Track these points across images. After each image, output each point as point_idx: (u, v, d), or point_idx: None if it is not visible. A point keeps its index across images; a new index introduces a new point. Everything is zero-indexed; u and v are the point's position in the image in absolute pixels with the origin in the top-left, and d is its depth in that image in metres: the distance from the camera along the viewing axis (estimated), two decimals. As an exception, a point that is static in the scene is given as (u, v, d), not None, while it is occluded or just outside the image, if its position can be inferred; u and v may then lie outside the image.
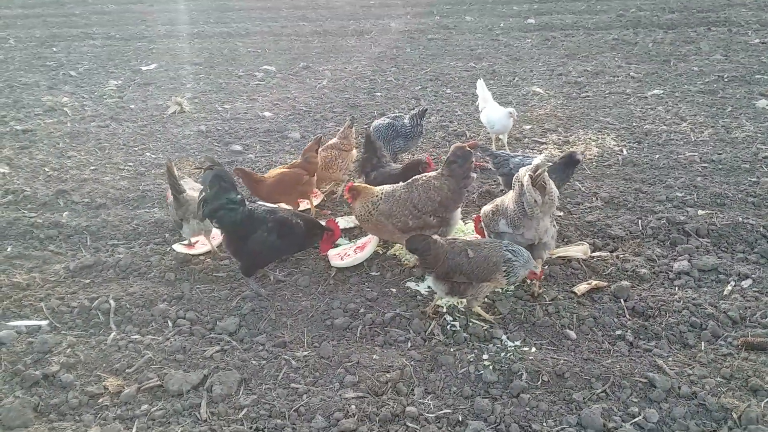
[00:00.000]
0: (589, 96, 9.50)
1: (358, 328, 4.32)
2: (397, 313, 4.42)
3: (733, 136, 7.58)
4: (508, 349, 4.07)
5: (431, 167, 5.98)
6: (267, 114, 9.18)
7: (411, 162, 5.76)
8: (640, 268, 4.89)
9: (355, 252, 5.13)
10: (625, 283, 4.66)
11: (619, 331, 4.24)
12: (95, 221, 5.94)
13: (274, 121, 8.86)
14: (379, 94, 10.05)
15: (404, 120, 6.61)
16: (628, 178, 6.62)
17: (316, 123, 8.74)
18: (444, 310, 4.49)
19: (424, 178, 4.80)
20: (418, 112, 6.55)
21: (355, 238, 5.47)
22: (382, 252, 5.26)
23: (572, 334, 4.20)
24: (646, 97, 9.30)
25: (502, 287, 4.54)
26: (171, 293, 4.74)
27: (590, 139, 7.70)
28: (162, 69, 12.27)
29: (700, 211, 5.70)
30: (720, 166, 6.79)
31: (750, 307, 4.39)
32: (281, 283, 4.89)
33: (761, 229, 5.29)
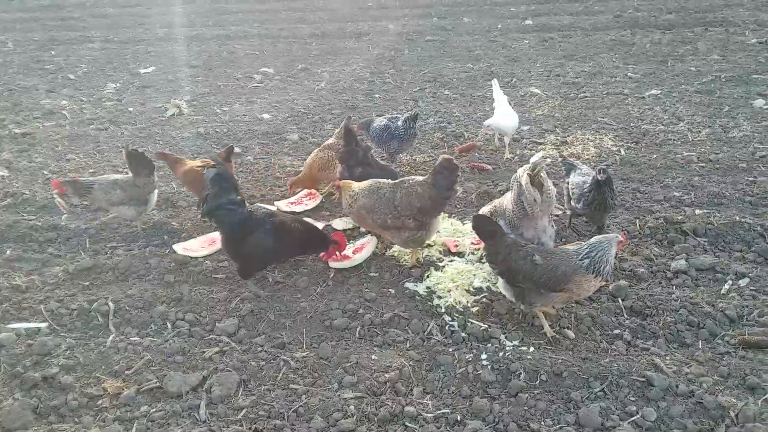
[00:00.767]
0: (586, 96, 9.53)
1: (357, 329, 4.33)
2: (396, 314, 4.43)
3: (731, 135, 7.61)
4: (507, 348, 4.08)
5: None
6: (265, 116, 9.21)
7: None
8: (638, 268, 4.90)
9: (354, 253, 5.14)
10: (623, 283, 4.67)
11: (617, 331, 4.25)
12: (94, 224, 5.95)
13: (273, 123, 8.88)
14: (378, 96, 10.08)
15: (398, 122, 6.64)
16: (625, 177, 6.64)
17: (315, 125, 8.77)
18: (442, 311, 4.50)
19: (410, 182, 4.85)
20: (411, 116, 6.58)
21: (353, 239, 5.48)
22: (380, 253, 5.27)
23: (570, 334, 4.21)
24: (643, 98, 9.33)
25: (589, 292, 4.20)
26: (170, 295, 4.74)
27: (588, 139, 7.72)
28: (160, 72, 12.29)
29: (698, 211, 5.71)
30: (717, 166, 6.82)
31: (747, 306, 4.41)
32: (280, 285, 4.90)
33: (758, 228, 5.31)
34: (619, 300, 4.54)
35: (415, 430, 3.48)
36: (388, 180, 5.06)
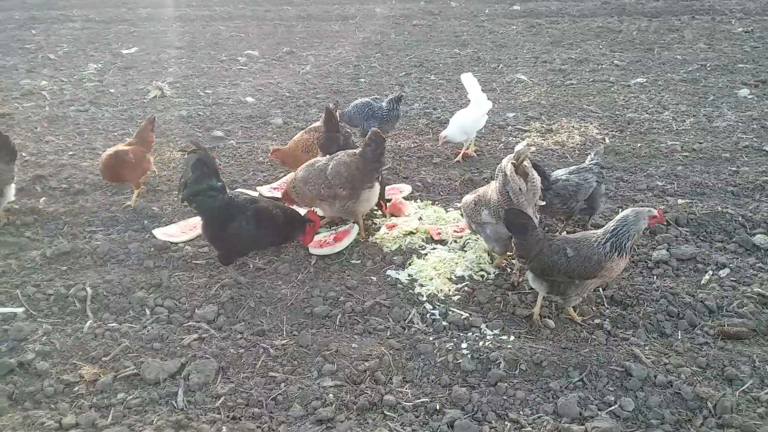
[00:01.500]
0: (573, 84, 9.51)
1: (338, 317, 4.31)
2: (377, 302, 4.41)
3: (715, 125, 7.63)
4: (487, 337, 4.07)
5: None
6: (249, 99, 9.10)
7: None
8: (620, 257, 4.91)
9: (336, 240, 5.11)
10: (605, 272, 4.67)
11: (597, 320, 4.26)
12: (73, 207, 5.86)
13: (257, 107, 8.78)
14: (363, 80, 9.99)
15: (382, 103, 6.59)
16: (609, 166, 6.64)
17: (299, 109, 8.68)
18: (424, 299, 4.48)
19: (341, 154, 5.05)
20: (395, 97, 6.55)
21: (335, 226, 5.44)
22: (363, 240, 5.23)
23: (551, 323, 4.22)
24: (629, 86, 9.33)
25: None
26: (149, 281, 4.68)
27: (573, 127, 7.71)
28: (143, 53, 12.10)
29: (680, 200, 5.74)
30: (701, 155, 6.84)
31: (727, 297, 4.43)
32: (261, 271, 4.86)
33: (740, 219, 5.34)
34: (600, 290, 4.54)
35: (393, 419, 3.47)
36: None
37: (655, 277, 4.72)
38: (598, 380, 3.73)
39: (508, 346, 3.95)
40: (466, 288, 4.58)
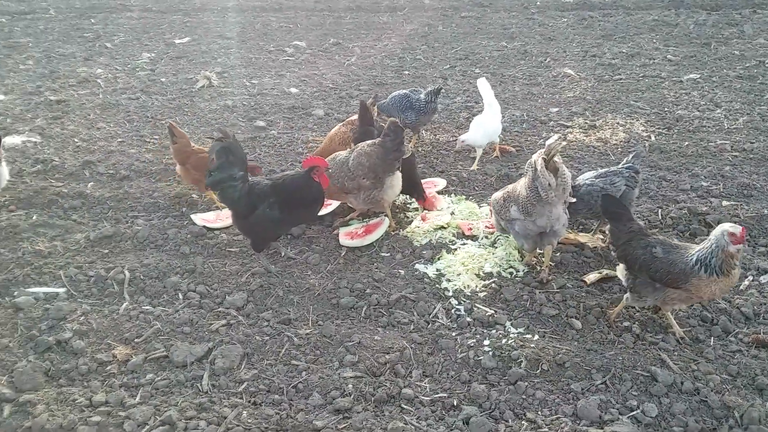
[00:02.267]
0: (621, 79, 9.28)
1: (363, 309, 4.35)
2: (403, 295, 4.43)
3: (769, 124, 7.33)
4: (511, 335, 4.04)
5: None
6: (293, 90, 9.21)
7: None
8: (655, 259, 4.79)
9: (366, 232, 5.15)
10: (637, 274, 4.57)
11: (626, 323, 4.18)
12: (118, 192, 6.07)
13: (300, 98, 8.88)
14: (407, 73, 9.98)
15: (420, 95, 6.59)
16: (653, 165, 6.47)
17: (341, 100, 8.74)
18: (450, 294, 4.48)
19: (361, 145, 5.17)
20: (434, 90, 6.53)
21: (367, 218, 5.48)
22: (394, 233, 5.26)
23: (577, 324, 4.16)
24: (681, 81, 9.04)
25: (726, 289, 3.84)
26: (184, 266, 4.83)
27: (618, 123, 7.53)
28: (195, 43, 12.38)
29: (725, 202, 5.55)
30: (751, 156, 6.59)
31: (765, 304, 4.29)
32: (292, 260, 4.94)
33: (786, 223, 5.13)
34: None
35: (410, 412, 3.49)
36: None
37: (691, 281, 4.58)
38: (621, 384, 3.66)
39: (531, 345, 3.92)
40: (494, 285, 4.56)
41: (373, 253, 5.02)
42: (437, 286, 4.58)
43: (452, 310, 4.33)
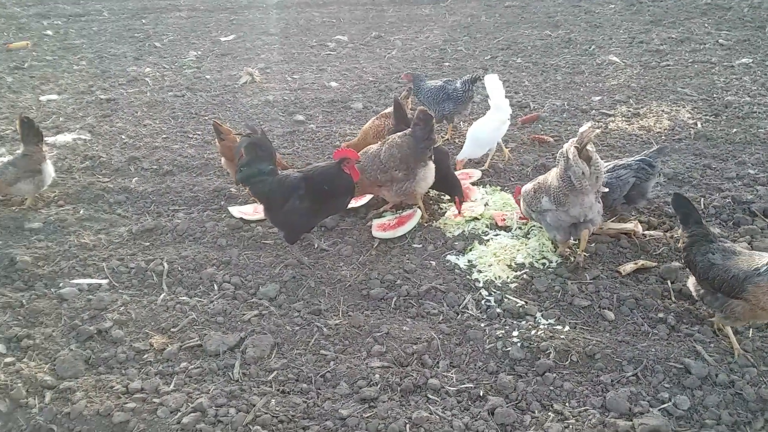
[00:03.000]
0: (669, 65, 8.99)
1: (393, 299, 4.37)
2: (433, 286, 4.43)
3: (825, 109, 6.99)
4: (540, 327, 4.00)
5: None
6: (333, 84, 9.28)
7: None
8: (695, 249, 4.64)
9: (399, 224, 5.16)
10: (675, 264, 4.45)
11: (661, 314, 4.07)
12: (160, 187, 6.25)
13: (340, 92, 8.94)
14: (448, 64, 9.91)
15: (456, 84, 6.58)
16: (698, 153, 6.26)
17: (381, 93, 8.76)
18: (480, 285, 4.45)
19: (392, 137, 5.20)
20: (471, 78, 6.50)
21: (399, 210, 5.49)
22: (426, 224, 5.26)
23: (610, 315, 4.08)
24: (732, 66, 8.70)
25: None
26: (220, 258, 4.95)
27: (663, 111, 7.30)
28: (240, 40, 12.59)
29: (774, 190, 5.33)
30: (804, 142, 6.30)
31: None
32: (325, 252, 5.00)
33: (838, 212, 4.90)
34: (668, 282, 4.33)
35: (436, 402, 3.50)
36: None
37: (733, 272, 4.42)
38: (653, 376, 3.58)
39: (561, 337, 3.87)
40: (525, 276, 4.51)
41: (405, 245, 5.03)
42: (468, 277, 4.56)
43: (482, 301, 4.30)
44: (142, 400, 3.58)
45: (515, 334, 3.94)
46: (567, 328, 3.98)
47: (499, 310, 4.19)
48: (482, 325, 4.06)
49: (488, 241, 4.94)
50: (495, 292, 4.37)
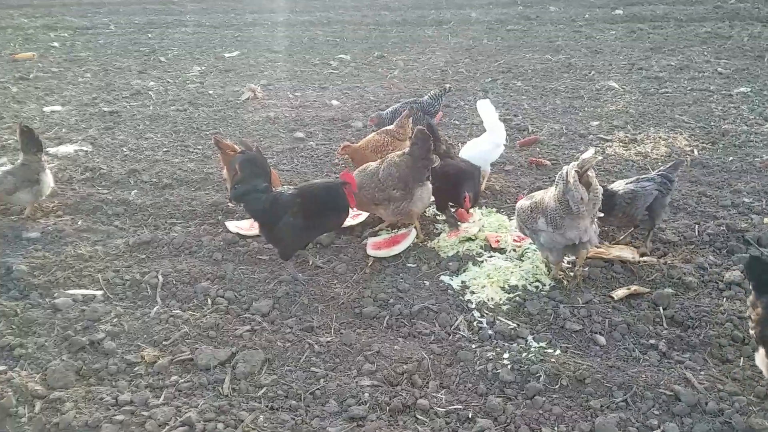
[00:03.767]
0: (667, 92, 9.07)
1: (386, 318, 4.38)
2: (426, 306, 4.44)
3: (821, 140, 7.04)
4: (531, 349, 4.00)
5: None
6: (335, 102, 9.36)
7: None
8: (688, 276, 4.66)
9: (393, 242, 5.18)
10: (668, 291, 4.46)
11: (652, 340, 4.08)
12: (159, 200, 6.29)
13: (340, 110, 9.02)
14: (448, 86, 9.98)
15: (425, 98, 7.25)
16: (693, 180, 6.30)
17: (381, 113, 8.82)
18: (473, 306, 4.47)
19: (391, 156, 5.24)
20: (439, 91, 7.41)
21: (395, 229, 5.52)
22: (421, 244, 5.28)
23: (601, 340, 4.08)
24: (730, 95, 8.78)
25: None
26: (215, 272, 4.96)
27: (660, 137, 7.36)
28: (243, 56, 12.73)
29: (766, 219, 5.35)
30: (800, 172, 6.34)
31: (802, 325, 4.10)
32: (319, 269, 5.02)
33: (831, 242, 4.92)
34: (661, 309, 4.34)
35: (424, 423, 3.50)
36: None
37: (725, 300, 4.44)
38: (643, 402, 3.58)
39: (552, 360, 3.87)
40: (518, 298, 4.52)
41: (400, 264, 5.05)
42: (461, 298, 4.57)
43: (474, 323, 4.31)
44: (130, 413, 3.57)
45: (506, 356, 3.94)
46: (558, 352, 3.99)
47: (490, 332, 4.20)
48: (473, 347, 4.06)
49: (482, 262, 4.96)
50: (487, 314, 4.38)
